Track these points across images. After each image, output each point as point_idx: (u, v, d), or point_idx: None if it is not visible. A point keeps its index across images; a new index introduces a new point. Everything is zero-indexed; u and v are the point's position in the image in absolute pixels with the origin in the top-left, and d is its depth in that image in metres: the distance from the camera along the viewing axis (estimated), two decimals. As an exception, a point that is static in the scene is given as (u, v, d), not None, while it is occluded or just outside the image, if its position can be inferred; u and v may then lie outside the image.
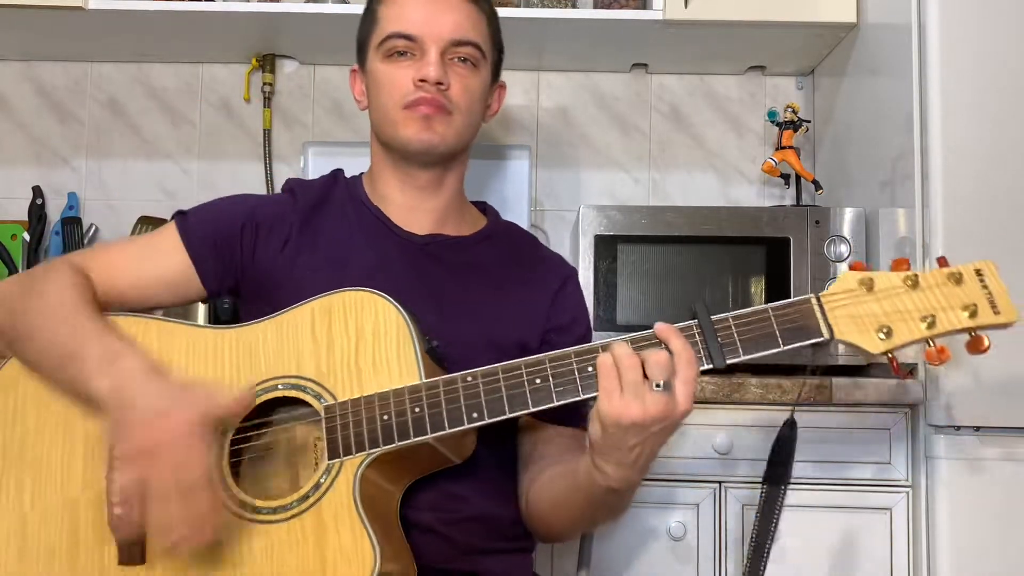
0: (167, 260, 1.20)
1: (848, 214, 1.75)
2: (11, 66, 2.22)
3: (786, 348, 0.97)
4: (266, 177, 2.17)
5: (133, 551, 1.03)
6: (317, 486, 1.01)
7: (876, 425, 1.59)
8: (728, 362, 0.97)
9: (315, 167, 1.87)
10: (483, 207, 1.37)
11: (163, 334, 1.11)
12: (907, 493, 1.58)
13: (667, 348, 0.96)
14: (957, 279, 0.93)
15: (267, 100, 2.18)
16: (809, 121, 2.07)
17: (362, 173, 1.33)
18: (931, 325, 0.93)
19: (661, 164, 2.22)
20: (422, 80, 1.19)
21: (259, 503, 1.02)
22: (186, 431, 0.94)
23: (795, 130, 1.97)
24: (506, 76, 2.38)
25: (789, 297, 1.76)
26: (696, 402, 1.15)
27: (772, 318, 0.98)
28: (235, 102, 2.22)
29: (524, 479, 1.23)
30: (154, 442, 0.94)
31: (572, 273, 1.33)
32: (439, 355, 1.09)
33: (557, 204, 2.21)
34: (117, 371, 0.99)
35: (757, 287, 1.75)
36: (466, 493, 1.14)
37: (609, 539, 1.58)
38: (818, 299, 0.97)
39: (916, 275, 0.94)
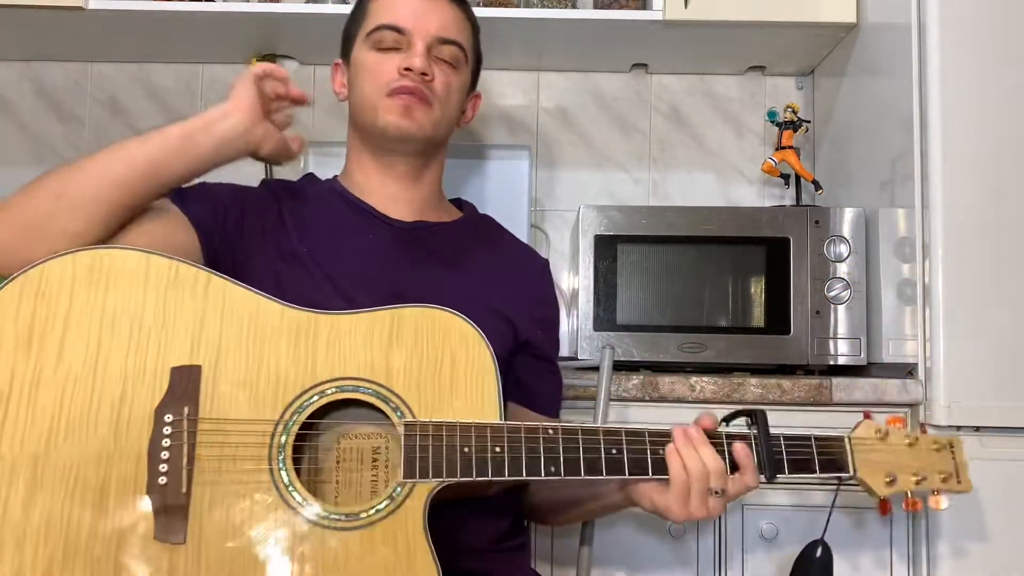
0: (160, 216, 1.15)
1: (848, 214, 1.75)
2: (11, 66, 2.22)
3: (819, 475, 1.12)
4: (266, 177, 2.16)
5: (175, 525, 0.92)
6: (389, 501, 1.00)
7: (876, 425, 1.59)
8: (776, 478, 1.10)
9: (315, 167, 1.86)
10: (459, 203, 1.41)
11: (228, 295, 1.04)
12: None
13: (734, 459, 1.08)
14: (939, 448, 1.16)
15: (267, 100, 2.18)
16: (809, 121, 2.07)
17: (335, 176, 1.35)
18: (919, 482, 1.15)
19: (661, 164, 2.22)
20: (408, 69, 1.22)
21: (325, 508, 0.99)
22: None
23: (795, 130, 1.97)
24: (506, 76, 2.36)
25: (789, 298, 1.79)
26: (696, 402, 1.15)
27: (814, 447, 1.12)
28: (235, 102, 2.22)
29: None
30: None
31: (546, 263, 1.39)
32: None
33: (557, 204, 2.21)
34: (201, 116, 1.15)
35: (757, 287, 1.75)
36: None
37: (608, 539, 1.58)
38: (849, 440, 1.13)
39: (917, 438, 1.16)
